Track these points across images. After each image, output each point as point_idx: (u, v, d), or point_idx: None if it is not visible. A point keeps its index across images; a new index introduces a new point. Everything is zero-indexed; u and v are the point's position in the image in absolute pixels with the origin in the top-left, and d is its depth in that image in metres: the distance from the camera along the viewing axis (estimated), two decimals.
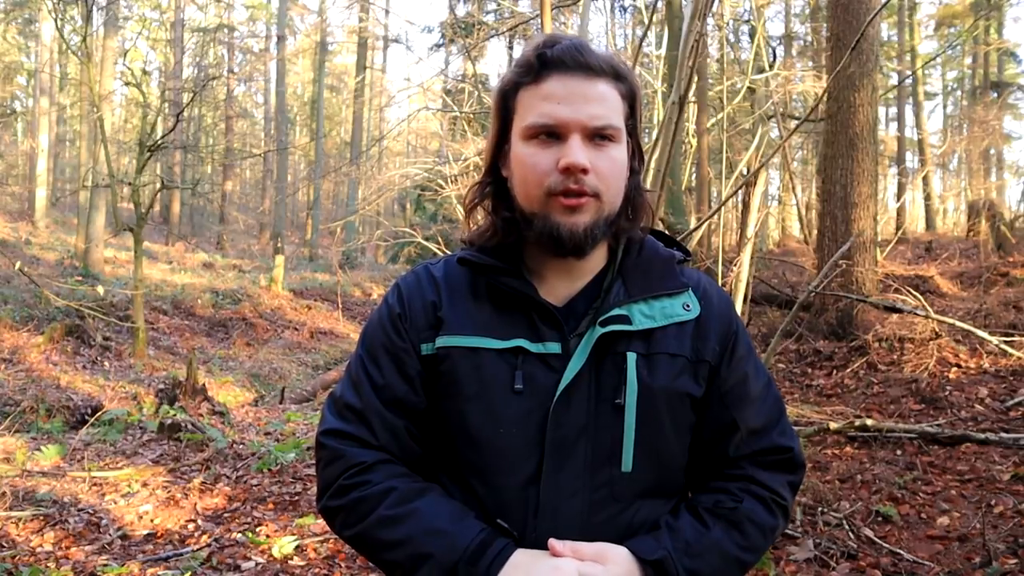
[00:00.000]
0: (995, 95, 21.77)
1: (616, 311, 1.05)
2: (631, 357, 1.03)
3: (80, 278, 13.20)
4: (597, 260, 1.11)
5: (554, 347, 1.04)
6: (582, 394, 1.02)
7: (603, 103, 1.02)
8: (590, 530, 1.01)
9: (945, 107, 29.73)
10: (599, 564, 0.96)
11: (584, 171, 1.00)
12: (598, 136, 1.02)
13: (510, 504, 1.02)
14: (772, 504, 1.10)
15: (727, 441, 1.10)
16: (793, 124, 13.63)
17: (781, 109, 14.12)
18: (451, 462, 1.07)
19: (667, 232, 1.27)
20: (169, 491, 4.70)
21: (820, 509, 3.77)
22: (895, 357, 6.52)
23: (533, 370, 1.03)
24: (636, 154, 1.12)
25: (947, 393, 5.59)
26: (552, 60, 1.03)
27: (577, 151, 1.00)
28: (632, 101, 1.08)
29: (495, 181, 1.12)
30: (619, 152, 1.05)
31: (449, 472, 1.07)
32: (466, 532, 0.98)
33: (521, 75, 1.05)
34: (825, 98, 7.83)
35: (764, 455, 1.11)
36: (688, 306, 1.09)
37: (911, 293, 6.90)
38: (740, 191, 8.22)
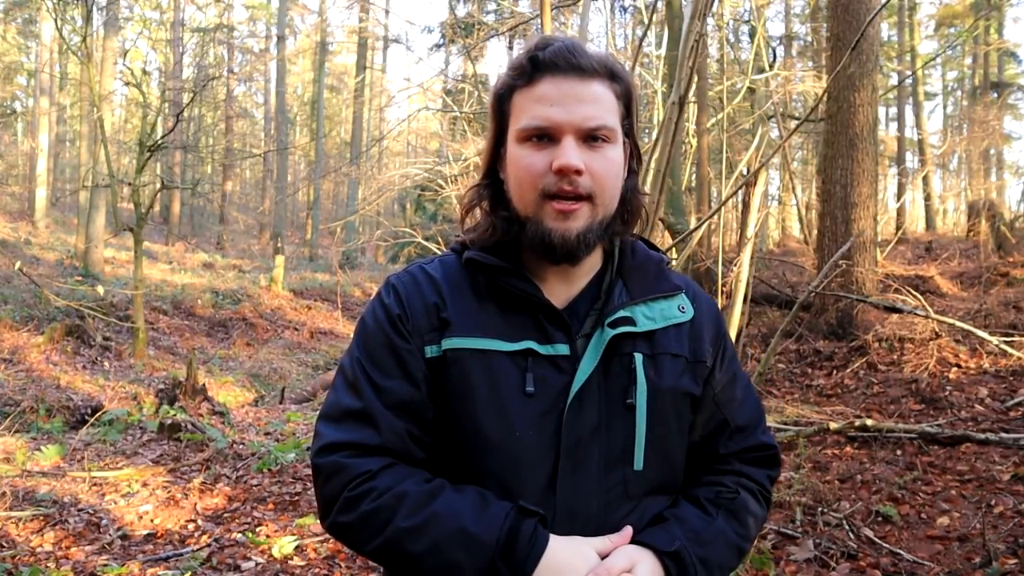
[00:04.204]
0: (995, 95, 21.78)
1: (621, 313, 1.06)
2: (638, 358, 1.05)
3: (80, 278, 13.19)
4: (593, 262, 1.11)
5: (563, 348, 1.03)
6: (593, 395, 1.02)
7: (597, 104, 1.02)
8: (606, 530, 1.02)
9: (945, 107, 29.79)
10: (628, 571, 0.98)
11: (578, 172, 1.00)
12: (592, 137, 1.02)
13: None
14: (759, 496, 1.16)
15: (718, 439, 1.15)
16: (793, 124, 13.63)
17: (781, 109, 14.12)
18: (463, 468, 1.03)
19: (668, 232, 1.29)
20: (169, 491, 4.69)
21: (820, 509, 3.77)
22: (895, 357, 6.52)
23: (543, 372, 1.02)
24: (634, 155, 1.12)
25: (947, 393, 5.59)
26: (545, 62, 1.02)
27: (570, 152, 1.00)
28: (628, 101, 1.07)
29: (493, 183, 1.12)
30: (615, 153, 1.04)
31: (460, 478, 1.03)
32: (491, 526, 0.95)
33: (515, 78, 1.05)
34: (825, 98, 7.83)
35: (750, 452, 1.16)
36: (683, 308, 1.12)
37: (911, 293, 6.90)
38: (740, 191, 8.21)
